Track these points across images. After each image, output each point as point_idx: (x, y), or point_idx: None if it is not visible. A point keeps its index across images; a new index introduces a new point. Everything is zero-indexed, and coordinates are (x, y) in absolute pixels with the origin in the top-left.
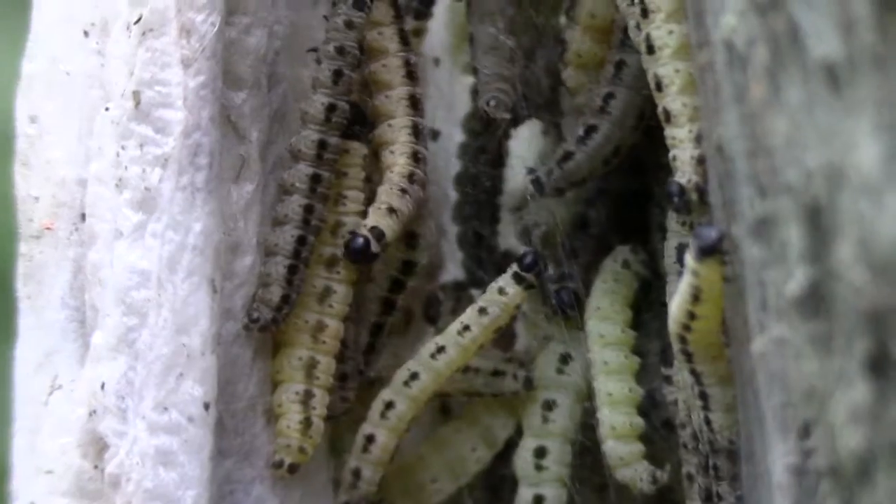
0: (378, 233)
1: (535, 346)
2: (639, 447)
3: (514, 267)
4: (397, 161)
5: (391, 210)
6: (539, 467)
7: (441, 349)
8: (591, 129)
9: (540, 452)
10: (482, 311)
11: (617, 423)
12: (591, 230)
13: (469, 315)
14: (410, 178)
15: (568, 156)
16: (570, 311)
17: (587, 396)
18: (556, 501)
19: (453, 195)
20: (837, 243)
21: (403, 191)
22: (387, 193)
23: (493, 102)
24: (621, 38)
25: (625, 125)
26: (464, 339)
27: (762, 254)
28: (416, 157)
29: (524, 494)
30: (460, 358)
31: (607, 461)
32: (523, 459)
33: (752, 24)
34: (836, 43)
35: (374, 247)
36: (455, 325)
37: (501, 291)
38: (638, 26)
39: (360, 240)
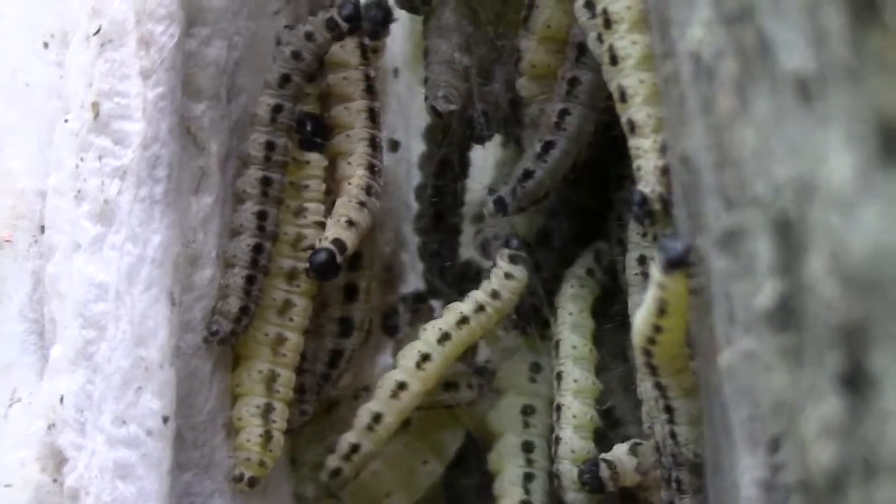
0: (341, 245)
1: (496, 358)
2: None
3: (505, 252)
4: (355, 172)
5: (350, 223)
6: (530, 461)
7: (464, 320)
8: (548, 146)
9: (527, 447)
10: (494, 294)
11: (577, 447)
12: (553, 243)
13: (481, 295)
14: (368, 190)
15: (529, 174)
16: (528, 326)
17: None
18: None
19: (414, 206)
20: (808, 257)
21: (362, 204)
22: (345, 206)
23: (440, 94)
24: (575, 55)
25: (581, 141)
26: (481, 317)
27: (729, 266)
28: (373, 169)
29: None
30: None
31: (561, 481)
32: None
33: (720, 36)
34: (808, 56)
35: (339, 258)
36: (469, 305)
37: (508, 276)
38: (600, 38)
39: (324, 254)
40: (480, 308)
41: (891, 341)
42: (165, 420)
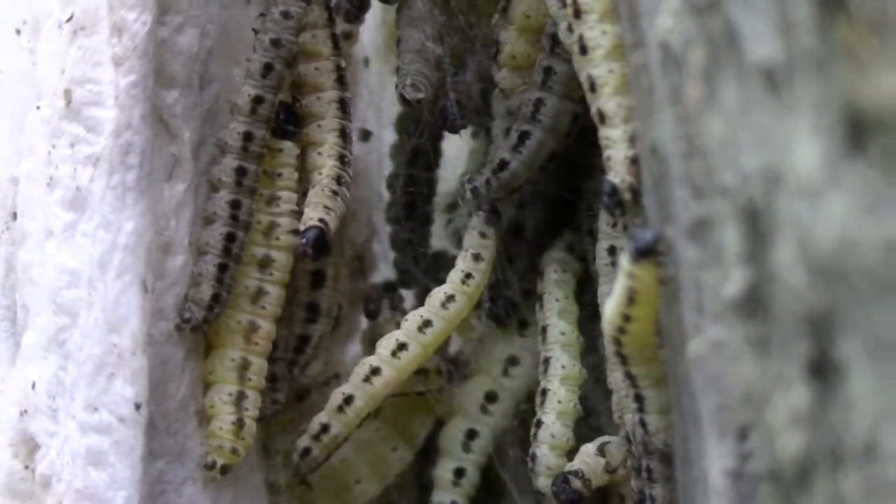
0: (325, 224)
1: (468, 348)
2: (565, 462)
3: (482, 215)
4: (326, 163)
5: (327, 209)
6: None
7: (450, 298)
8: (524, 136)
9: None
10: (476, 257)
11: (558, 433)
12: (525, 235)
13: (465, 264)
14: (339, 180)
15: (504, 165)
16: (505, 318)
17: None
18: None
19: (385, 196)
20: (775, 246)
21: (334, 192)
22: (318, 195)
23: (409, 82)
24: (550, 45)
25: (558, 131)
26: (470, 288)
27: (698, 255)
28: (342, 160)
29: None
30: (470, 303)
31: (534, 466)
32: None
33: (688, 26)
34: (775, 45)
35: (329, 236)
36: (456, 275)
37: (483, 235)
38: (570, 28)
39: (315, 230)
40: (468, 276)
41: (856, 330)
42: (138, 407)
